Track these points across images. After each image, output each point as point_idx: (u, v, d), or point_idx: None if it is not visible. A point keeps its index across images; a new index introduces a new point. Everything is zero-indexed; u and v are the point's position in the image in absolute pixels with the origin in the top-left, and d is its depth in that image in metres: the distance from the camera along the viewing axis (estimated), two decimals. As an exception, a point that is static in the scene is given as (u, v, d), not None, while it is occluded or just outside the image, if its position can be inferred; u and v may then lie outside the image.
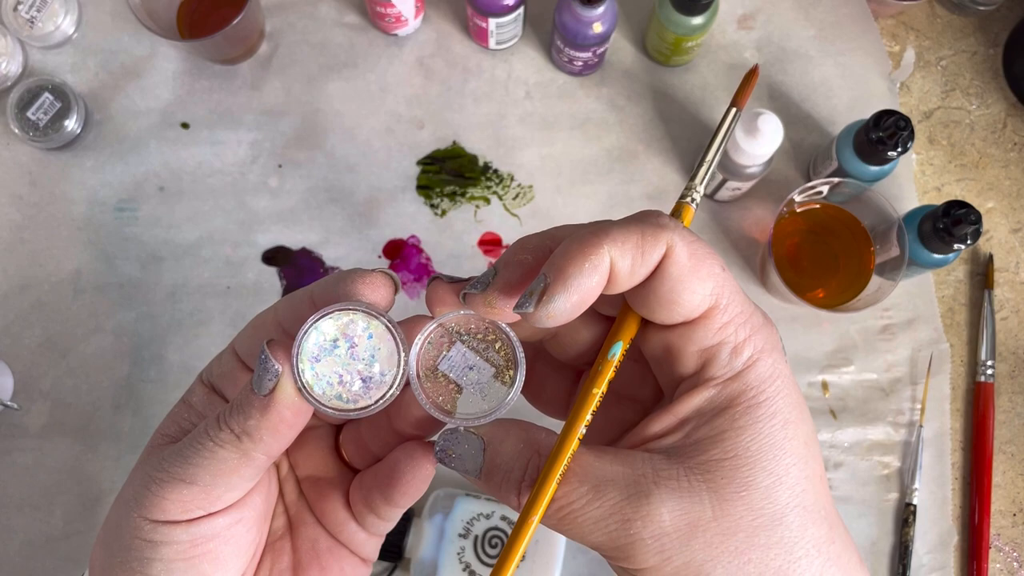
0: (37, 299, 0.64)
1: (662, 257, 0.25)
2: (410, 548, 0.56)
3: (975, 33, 0.69)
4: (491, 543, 0.53)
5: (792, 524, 0.24)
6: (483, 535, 0.53)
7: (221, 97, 0.67)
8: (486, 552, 0.55)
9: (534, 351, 0.31)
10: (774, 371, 0.26)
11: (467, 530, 0.53)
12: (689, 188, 0.30)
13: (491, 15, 0.61)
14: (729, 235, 0.66)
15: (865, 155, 0.59)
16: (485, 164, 0.66)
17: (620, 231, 0.26)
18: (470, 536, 0.53)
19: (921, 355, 0.65)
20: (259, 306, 0.64)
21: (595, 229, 0.26)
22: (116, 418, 0.63)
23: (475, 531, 0.53)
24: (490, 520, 0.54)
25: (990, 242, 0.67)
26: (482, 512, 0.54)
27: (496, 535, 0.53)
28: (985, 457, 0.64)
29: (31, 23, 0.64)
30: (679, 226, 0.26)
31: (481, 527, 0.54)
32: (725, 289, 0.26)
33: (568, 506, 0.25)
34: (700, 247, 0.26)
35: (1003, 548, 0.64)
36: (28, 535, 0.62)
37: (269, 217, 0.66)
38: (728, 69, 0.68)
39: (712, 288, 0.26)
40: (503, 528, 0.54)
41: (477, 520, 0.54)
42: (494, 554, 0.53)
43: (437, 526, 0.55)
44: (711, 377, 0.26)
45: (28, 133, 0.64)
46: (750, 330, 0.26)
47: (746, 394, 0.25)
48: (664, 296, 0.26)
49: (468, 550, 0.53)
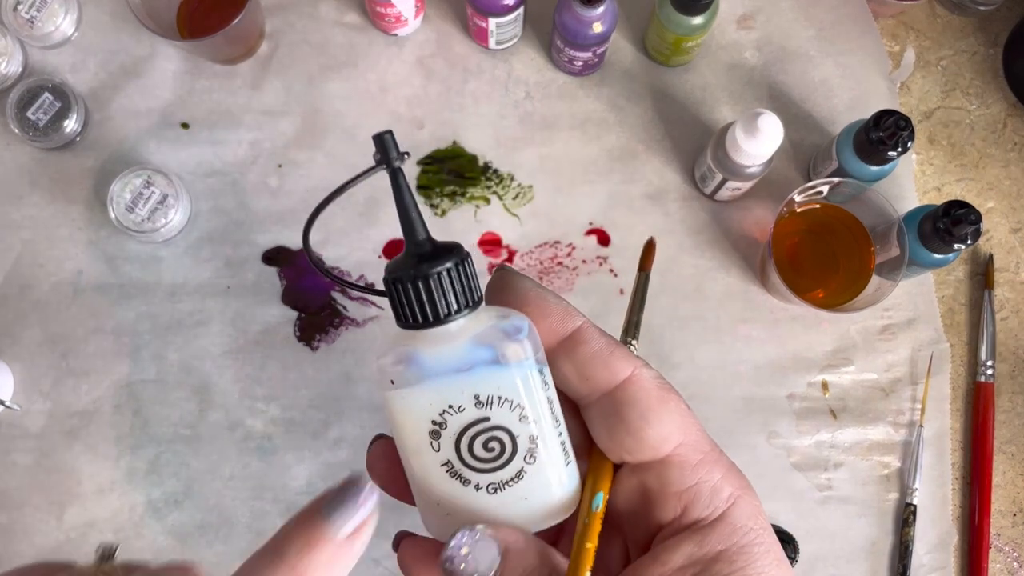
0: (37, 299, 0.64)
1: (629, 377, 0.25)
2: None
3: (975, 33, 0.69)
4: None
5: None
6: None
7: (221, 97, 0.67)
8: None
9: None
10: (755, 509, 0.25)
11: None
12: (624, 343, 0.31)
13: (491, 15, 0.61)
14: (729, 235, 0.66)
15: (865, 155, 0.59)
16: (485, 164, 0.66)
17: (590, 331, 0.26)
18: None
19: (921, 355, 0.65)
20: (259, 306, 0.65)
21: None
22: (116, 418, 0.63)
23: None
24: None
25: (990, 242, 0.67)
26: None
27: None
28: (985, 457, 0.64)
29: (31, 23, 0.64)
30: (646, 362, 0.26)
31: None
32: (693, 427, 0.26)
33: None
34: (667, 383, 0.26)
35: (1003, 548, 0.64)
36: (28, 535, 0.62)
37: (269, 217, 0.66)
38: (728, 69, 0.68)
39: (680, 422, 0.26)
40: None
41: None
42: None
43: None
44: (696, 520, 0.25)
45: (28, 133, 0.64)
46: (724, 469, 0.26)
47: (737, 534, 0.25)
48: (634, 423, 0.25)
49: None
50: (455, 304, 0.26)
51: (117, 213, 0.62)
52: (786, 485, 0.64)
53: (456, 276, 0.26)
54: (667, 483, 0.26)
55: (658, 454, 0.26)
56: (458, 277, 0.26)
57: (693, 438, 0.26)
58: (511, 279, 0.28)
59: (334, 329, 0.65)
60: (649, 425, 0.25)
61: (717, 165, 0.60)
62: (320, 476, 0.63)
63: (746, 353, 0.65)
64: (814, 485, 0.64)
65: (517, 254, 0.66)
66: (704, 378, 0.65)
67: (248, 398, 0.64)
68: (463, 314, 0.26)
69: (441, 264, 0.26)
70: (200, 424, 0.64)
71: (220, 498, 0.63)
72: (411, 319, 0.26)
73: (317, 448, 0.64)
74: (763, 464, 0.64)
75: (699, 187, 0.66)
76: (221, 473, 0.63)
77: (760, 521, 0.25)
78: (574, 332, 0.27)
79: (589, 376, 0.26)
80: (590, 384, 0.26)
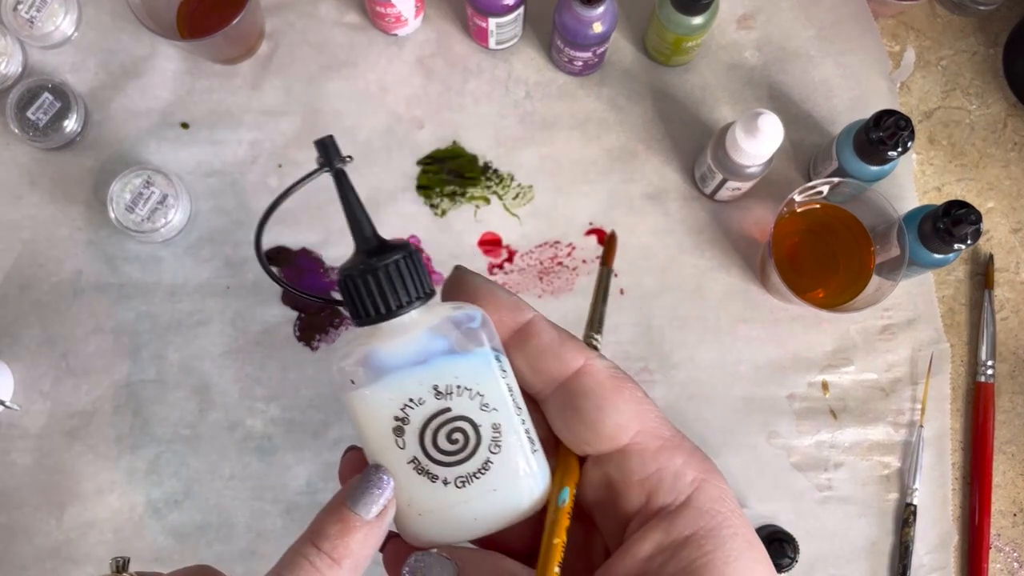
0: (37, 299, 0.64)
1: (581, 367, 0.26)
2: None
3: (975, 33, 0.69)
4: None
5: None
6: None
7: (221, 97, 0.67)
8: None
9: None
10: (721, 491, 0.25)
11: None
12: (586, 336, 0.31)
13: (491, 15, 0.61)
14: (729, 235, 0.66)
15: (865, 155, 0.59)
16: (485, 164, 0.66)
17: (544, 327, 0.27)
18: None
19: (921, 355, 0.65)
20: (259, 306, 0.65)
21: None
22: (116, 418, 0.63)
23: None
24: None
25: (990, 242, 0.67)
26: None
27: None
28: (985, 457, 0.64)
29: (31, 23, 0.64)
30: (599, 353, 0.27)
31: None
32: (650, 414, 0.26)
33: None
34: (621, 372, 0.26)
35: (1003, 548, 0.64)
36: (28, 535, 0.62)
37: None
38: (728, 69, 0.68)
39: (636, 410, 0.26)
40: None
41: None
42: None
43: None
44: (661, 506, 0.25)
45: (28, 133, 0.64)
46: (686, 453, 0.26)
47: (703, 518, 0.25)
48: (589, 414, 0.25)
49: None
50: (407, 295, 0.26)
51: (117, 213, 0.62)
52: (786, 485, 0.64)
53: (406, 269, 0.26)
54: (628, 472, 0.26)
55: (616, 444, 0.26)
56: (407, 270, 0.26)
57: (651, 425, 0.26)
58: (462, 276, 0.28)
59: (334, 329, 0.65)
60: (604, 415, 0.25)
61: (717, 165, 0.60)
62: (320, 476, 0.63)
63: (746, 353, 0.65)
64: (814, 485, 0.64)
65: (517, 254, 0.66)
66: (704, 378, 0.65)
67: (248, 398, 0.64)
68: (415, 305, 0.26)
69: (390, 257, 0.26)
70: (200, 424, 0.64)
71: (220, 498, 0.63)
72: (365, 313, 0.26)
73: (317, 448, 0.64)
74: (763, 464, 0.64)
75: (699, 187, 0.66)
76: (221, 473, 0.63)
77: (727, 504, 0.25)
78: (525, 325, 0.27)
79: (541, 369, 0.26)
80: (543, 377, 0.27)
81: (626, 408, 0.26)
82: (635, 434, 0.26)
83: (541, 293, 0.65)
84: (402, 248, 0.27)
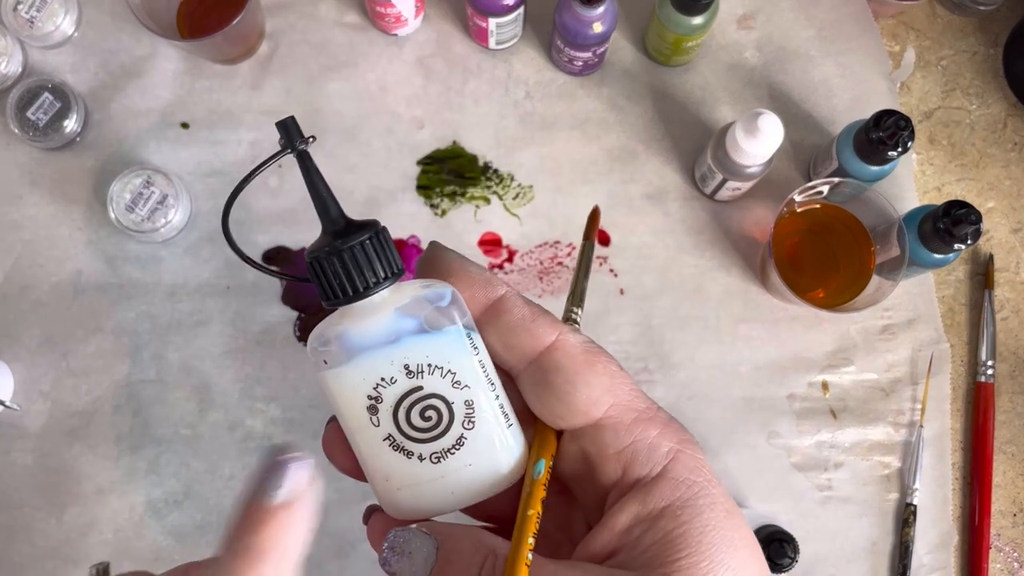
0: (37, 299, 0.64)
1: (553, 343, 0.26)
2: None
3: (975, 33, 0.69)
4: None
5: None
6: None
7: (221, 97, 0.67)
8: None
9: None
10: (697, 462, 0.25)
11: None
12: (567, 311, 0.31)
13: (491, 15, 0.61)
14: (729, 235, 0.66)
15: (865, 155, 0.59)
16: (485, 164, 0.66)
17: (515, 301, 0.27)
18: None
19: (921, 355, 0.65)
20: (259, 306, 0.65)
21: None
22: (116, 418, 0.63)
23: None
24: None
25: (990, 242, 0.67)
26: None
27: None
28: (985, 457, 0.64)
29: (31, 23, 0.64)
30: (573, 328, 0.27)
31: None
32: (624, 387, 0.26)
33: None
34: (594, 346, 0.26)
35: (1003, 548, 0.64)
36: (28, 535, 0.62)
37: (269, 217, 0.66)
38: (728, 69, 0.68)
39: (609, 384, 0.26)
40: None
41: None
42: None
43: None
44: (637, 478, 0.25)
45: (28, 133, 0.64)
46: (661, 425, 0.26)
47: (679, 488, 0.25)
48: (560, 388, 0.25)
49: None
50: (374, 276, 0.26)
51: (117, 213, 0.62)
52: (786, 485, 0.64)
53: (373, 248, 0.26)
54: (603, 446, 0.26)
55: (590, 418, 0.26)
56: (375, 249, 0.26)
57: (625, 399, 0.26)
58: (435, 252, 0.28)
59: (334, 329, 0.65)
60: (576, 389, 0.25)
61: (717, 165, 0.60)
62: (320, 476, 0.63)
63: (746, 353, 0.65)
64: (814, 485, 0.64)
65: (517, 254, 0.66)
66: (704, 378, 0.65)
67: (248, 398, 0.64)
68: (385, 285, 0.26)
69: (357, 238, 0.26)
70: (200, 424, 0.64)
71: (220, 498, 0.63)
72: (334, 294, 0.26)
73: (317, 448, 0.63)
74: (763, 464, 0.64)
75: (699, 187, 0.66)
76: (221, 473, 0.63)
77: (703, 474, 0.25)
78: (496, 301, 0.27)
79: (513, 344, 0.26)
80: (515, 353, 0.27)
81: (598, 382, 0.25)
82: (608, 407, 0.26)
83: (541, 293, 0.65)
84: (370, 227, 0.27)
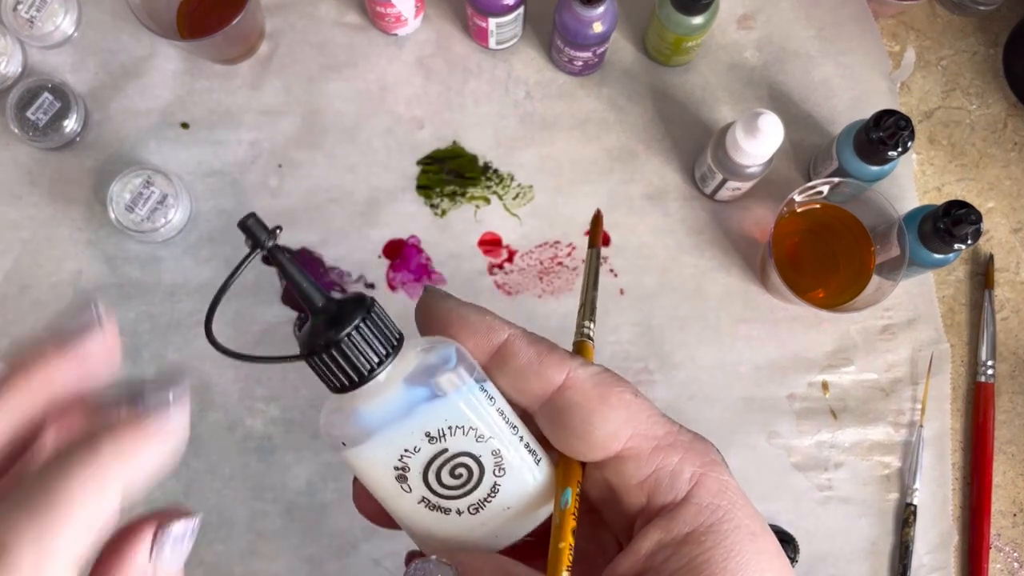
0: (37, 299, 0.64)
1: (564, 382, 0.25)
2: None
3: (975, 33, 0.69)
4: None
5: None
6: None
7: (221, 97, 0.67)
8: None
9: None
10: (721, 484, 0.25)
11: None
12: (579, 327, 0.30)
13: (491, 15, 0.61)
14: (729, 235, 0.66)
15: (865, 155, 0.59)
16: (485, 164, 0.66)
17: (524, 342, 0.26)
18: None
19: (921, 355, 0.65)
20: (259, 306, 0.65)
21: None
22: (116, 418, 0.63)
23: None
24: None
25: (990, 242, 0.67)
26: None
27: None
28: (985, 457, 0.64)
29: (31, 23, 0.64)
30: (583, 360, 0.26)
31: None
32: (641, 415, 0.26)
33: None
34: (607, 376, 0.26)
35: (1003, 548, 0.64)
36: (28, 535, 0.62)
37: (269, 217, 0.65)
38: (728, 69, 0.68)
39: (626, 416, 0.25)
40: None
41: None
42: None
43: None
44: (661, 505, 0.25)
45: (28, 133, 0.64)
46: (683, 450, 0.26)
47: (703, 514, 0.25)
48: (577, 428, 0.25)
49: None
50: (375, 357, 0.26)
51: (117, 213, 0.62)
52: (786, 485, 0.64)
53: (368, 330, 0.26)
54: (626, 477, 0.25)
55: (609, 452, 0.26)
56: (370, 330, 0.26)
57: (643, 428, 0.26)
58: (431, 304, 0.28)
59: (334, 329, 0.65)
60: (593, 427, 0.25)
61: (717, 165, 0.60)
62: (320, 476, 0.63)
63: (746, 353, 0.65)
64: (814, 485, 0.64)
65: (517, 254, 0.66)
66: (704, 378, 0.65)
67: (248, 398, 0.64)
68: (387, 364, 0.26)
69: (349, 324, 0.25)
70: (200, 424, 0.64)
71: (220, 498, 0.63)
72: (340, 386, 0.26)
73: (317, 448, 0.64)
74: (763, 464, 0.64)
75: (699, 187, 0.66)
76: (221, 473, 0.63)
77: (727, 497, 0.25)
78: (501, 346, 0.26)
79: (523, 389, 0.26)
80: (527, 396, 0.26)
81: (615, 416, 0.25)
82: (628, 439, 0.25)
83: (541, 293, 0.65)
84: (360, 306, 0.26)
